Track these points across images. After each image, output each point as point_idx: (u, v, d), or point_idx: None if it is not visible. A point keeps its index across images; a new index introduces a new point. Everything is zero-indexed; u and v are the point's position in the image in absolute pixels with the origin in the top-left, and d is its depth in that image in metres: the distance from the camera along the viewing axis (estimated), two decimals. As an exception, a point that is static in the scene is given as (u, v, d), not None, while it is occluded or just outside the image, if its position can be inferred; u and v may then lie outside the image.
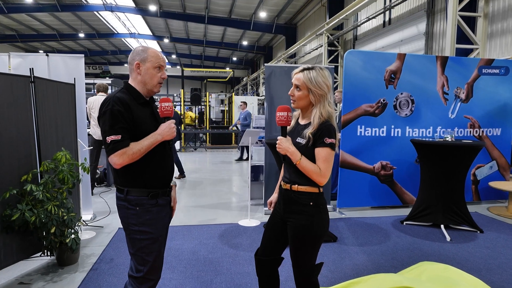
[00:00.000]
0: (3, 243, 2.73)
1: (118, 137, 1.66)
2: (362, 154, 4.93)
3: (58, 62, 4.16)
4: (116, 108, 1.69)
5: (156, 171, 1.81)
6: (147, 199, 1.78)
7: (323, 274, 2.99)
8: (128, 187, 1.78)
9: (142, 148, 1.71)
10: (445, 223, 4.16)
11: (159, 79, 1.85)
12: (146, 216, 1.77)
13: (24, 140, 2.93)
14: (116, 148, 1.66)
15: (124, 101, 1.72)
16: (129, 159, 1.68)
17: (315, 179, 1.80)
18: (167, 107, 1.84)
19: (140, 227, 1.77)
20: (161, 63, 1.84)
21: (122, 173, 1.77)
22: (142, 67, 1.81)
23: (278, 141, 1.83)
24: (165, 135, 1.78)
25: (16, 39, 21.46)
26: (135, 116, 1.74)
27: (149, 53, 1.82)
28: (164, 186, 1.86)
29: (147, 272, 1.79)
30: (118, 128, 1.67)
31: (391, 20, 10.34)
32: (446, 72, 5.01)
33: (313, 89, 1.83)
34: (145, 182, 1.78)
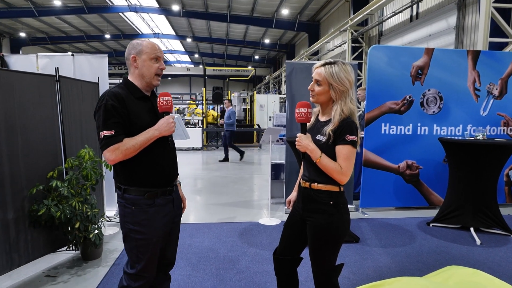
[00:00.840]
0: (31, 237, 2.83)
1: (111, 132, 1.61)
2: (386, 153, 4.78)
3: (83, 61, 4.27)
4: (110, 103, 1.64)
5: (154, 169, 1.75)
6: (144, 199, 1.72)
7: (344, 275, 2.91)
8: (125, 185, 1.74)
9: (137, 144, 1.64)
10: (475, 226, 3.97)
11: (157, 70, 1.77)
12: (141, 216, 1.72)
13: (50, 138, 3.02)
14: (108, 144, 1.61)
15: (119, 95, 1.67)
16: (123, 155, 1.63)
17: (335, 178, 1.75)
18: (165, 102, 1.74)
19: (135, 226, 1.73)
20: (157, 54, 1.76)
21: (119, 170, 1.74)
22: (138, 60, 1.75)
23: (297, 138, 1.77)
24: (163, 130, 1.69)
25: (47, 41, 22.35)
26: (131, 111, 1.68)
27: (144, 45, 1.75)
28: (163, 185, 1.79)
29: (141, 270, 1.76)
30: (112, 123, 1.62)
31: (418, 14, 9.99)
32: (477, 67, 4.77)
33: (335, 84, 1.76)
34: (142, 180, 1.73)
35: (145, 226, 1.73)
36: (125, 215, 1.75)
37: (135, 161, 1.69)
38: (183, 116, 15.34)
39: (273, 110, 15.90)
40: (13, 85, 2.65)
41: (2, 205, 2.57)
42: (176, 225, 1.93)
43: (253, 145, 13.85)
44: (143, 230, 1.72)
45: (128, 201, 1.73)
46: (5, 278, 2.78)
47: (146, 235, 1.73)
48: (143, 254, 1.74)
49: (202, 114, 14.00)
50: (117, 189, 1.78)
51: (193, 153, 11.35)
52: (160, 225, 1.77)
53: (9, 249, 2.63)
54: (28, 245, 2.80)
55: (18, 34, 20.61)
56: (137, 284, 1.77)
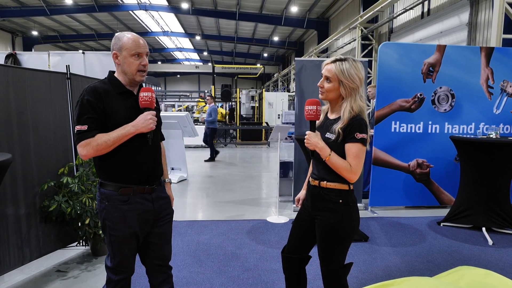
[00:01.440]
0: (42, 232, 2.87)
1: (84, 127, 1.60)
2: (396, 151, 4.73)
3: (93, 59, 4.32)
4: (86, 97, 1.62)
5: (130, 165, 1.70)
6: (117, 195, 1.69)
7: (353, 274, 2.89)
8: (102, 180, 1.73)
9: (109, 140, 1.61)
10: (487, 226, 3.90)
11: (139, 66, 1.70)
12: (114, 212, 1.70)
13: (61, 134, 3.06)
14: (80, 139, 1.61)
15: (97, 90, 1.65)
16: (93, 150, 1.61)
17: (345, 176, 1.73)
18: (145, 97, 1.68)
19: (108, 222, 1.71)
20: (138, 50, 1.68)
21: (97, 164, 1.73)
22: (119, 56, 1.70)
23: (306, 136, 1.76)
24: (139, 127, 1.64)
25: (58, 40, 22.61)
26: (108, 106, 1.65)
27: (124, 41, 1.69)
28: (140, 182, 1.73)
29: (117, 265, 1.76)
30: (86, 118, 1.61)
31: (430, 10, 9.83)
32: (491, 64, 4.67)
33: (345, 81, 1.73)
34: (117, 176, 1.70)
35: (118, 223, 1.70)
36: (101, 210, 1.74)
37: (112, 156, 1.66)
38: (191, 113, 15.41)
39: (281, 108, 15.87)
40: (25, 82, 2.69)
41: (14, 201, 2.62)
42: (164, 225, 1.85)
43: (261, 143, 13.84)
44: (115, 226, 1.71)
45: (103, 195, 1.71)
46: (17, 273, 2.83)
47: (118, 231, 1.71)
48: (117, 250, 1.74)
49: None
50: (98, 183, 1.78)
51: (201, 151, 11.39)
52: (134, 223, 1.72)
53: (21, 244, 2.67)
54: (40, 240, 2.84)
55: (31, 33, 20.92)
56: (117, 278, 1.78)
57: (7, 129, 2.54)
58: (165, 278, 1.90)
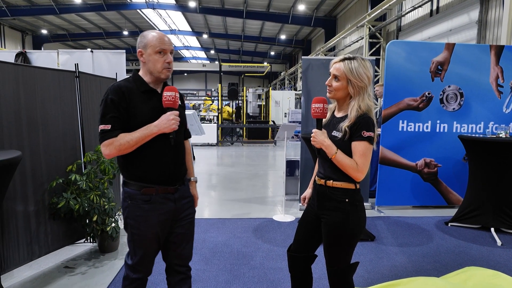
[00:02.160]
0: (51, 229, 2.91)
1: (108, 126, 1.61)
2: (403, 150, 4.69)
3: (101, 58, 4.35)
4: (110, 97, 1.63)
5: (152, 165, 1.70)
6: (139, 194, 1.70)
7: (359, 274, 2.88)
8: (125, 179, 1.74)
9: (132, 140, 1.61)
10: (495, 226, 3.85)
11: (163, 63, 1.69)
12: (136, 212, 1.71)
13: (70, 132, 3.09)
14: (103, 138, 1.61)
15: (121, 89, 1.65)
16: (116, 150, 1.61)
17: (351, 175, 1.72)
18: (168, 97, 1.65)
19: (131, 220, 1.73)
20: (162, 47, 1.67)
21: (121, 163, 1.74)
22: (144, 54, 1.69)
23: (313, 134, 1.75)
24: (162, 127, 1.63)
25: (67, 38, 22.85)
26: (132, 105, 1.65)
27: (148, 38, 1.68)
28: (163, 182, 1.73)
29: (136, 263, 1.77)
30: (109, 118, 1.62)
31: (439, 8, 9.71)
32: (501, 63, 4.60)
33: (354, 80, 1.73)
34: (140, 176, 1.70)
35: (140, 222, 1.71)
36: (124, 208, 1.75)
37: (135, 155, 1.67)
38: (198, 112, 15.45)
39: (288, 106, 15.82)
40: (35, 81, 2.73)
41: (23, 198, 2.66)
42: (188, 225, 1.86)
43: (268, 141, 13.83)
44: (137, 225, 1.72)
45: (126, 194, 1.72)
46: (25, 268, 2.87)
47: (140, 230, 1.72)
48: (138, 248, 1.75)
49: (218, 110, 14.06)
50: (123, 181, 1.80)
51: (208, 149, 11.43)
52: (155, 223, 1.72)
53: (30, 240, 2.71)
54: (48, 237, 2.88)
55: (40, 31, 21.16)
56: (135, 276, 1.78)
57: (17, 127, 2.58)
58: (182, 278, 1.88)
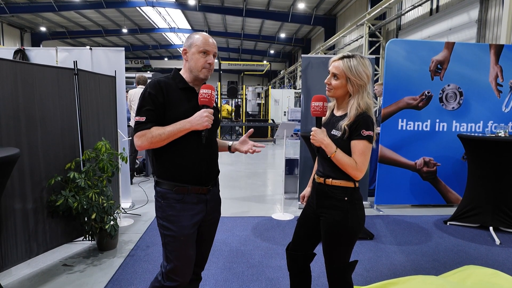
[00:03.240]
0: (49, 226, 2.90)
1: (142, 119, 1.62)
2: (403, 149, 4.69)
3: (100, 55, 4.33)
4: (148, 90, 1.65)
5: (184, 164, 1.69)
6: (172, 193, 1.68)
7: (358, 272, 2.88)
8: (158, 178, 1.73)
9: (163, 134, 1.60)
10: (494, 225, 3.86)
11: (204, 63, 1.72)
12: (168, 211, 1.69)
13: (68, 130, 3.08)
14: (137, 129, 1.63)
15: (160, 84, 1.67)
16: (148, 142, 1.61)
17: (350, 173, 1.72)
18: (204, 94, 1.67)
19: (163, 221, 1.70)
20: (206, 48, 1.71)
21: (154, 162, 1.73)
22: (188, 52, 1.74)
23: (312, 132, 1.75)
24: (194, 123, 1.62)
25: (66, 36, 22.77)
26: (169, 99, 1.66)
27: (195, 38, 1.73)
28: (195, 182, 1.71)
29: (170, 271, 1.70)
30: (145, 110, 1.63)
31: (439, 7, 9.70)
32: (500, 62, 4.60)
33: (353, 78, 1.72)
34: (173, 174, 1.69)
35: (172, 222, 1.68)
36: (156, 209, 1.74)
37: (167, 153, 1.67)
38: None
39: (287, 105, 15.81)
40: (33, 78, 2.71)
41: (22, 196, 2.65)
42: (210, 227, 1.87)
43: (267, 140, 13.82)
44: (170, 226, 1.69)
45: (159, 194, 1.72)
46: (24, 266, 2.87)
47: (172, 231, 1.68)
48: (171, 252, 1.70)
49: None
50: (155, 181, 1.78)
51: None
52: (188, 224, 1.70)
53: (28, 238, 2.71)
54: (46, 234, 2.87)
55: (39, 29, 21.09)
56: (168, 284, 1.71)
57: (15, 124, 2.57)
58: (194, 279, 1.88)
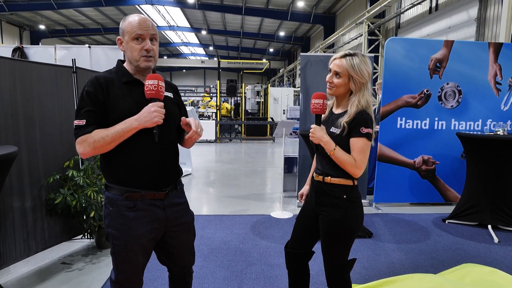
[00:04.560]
0: (48, 225, 2.90)
1: (82, 122, 1.42)
2: (401, 147, 4.69)
3: (99, 53, 4.32)
4: (86, 89, 1.46)
5: (136, 167, 1.49)
6: (122, 200, 1.48)
7: (356, 271, 2.88)
8: (107, 182, 1.53)
9: (107, 137, 1.39)
10: (493, 223, 3.87)
11: (141, 51, 1.48)
12: (119, 219, 1.49)
13: (67, 128, 3.07)
14: (77, 135, 1.43)
15: (100, 80, 1.47)
16: (91, 148, 1.40)
17: (349, 171, 1.72)
18: (150, 86, 1.42)
19: (112, 230, 1.50)
20: (139, 32, 1.47)
21: (102, 164, 1.54)
22: (123, 42, 1.52)
23: (311, 130, 1.74)
24: (143, 121, 1.41)
25: (65, 34, 22.71)
26: (109, 97, 1.46)
27: (125, 24, 1.51)
28: (149, 187, 1.51)
29: (122, 280, 1.53)
30: (84, 112, 1.43)
31: (438, 5, 9.70)
32: (499, 60, 4.60)
33: (355, 76, 1.72)
34: (123, 179, 1.49)
35: (122, 231, 1.49)
36: (105, 216, 1.53)
37: (116, 155, 1.48)
38: (197, 108, 15.42)
39: (287, 103, 15.82)
40: (31, 76, 2.71)
41: (20, 194, 2.64)
42: (181, 236, 1.66)
43: (266, 138, 13.82)
44: (119, 235, 1.49)
45: (108, 199, 1.51)
46: (22, 264, 2.86)
47: (122, 241, 1.49)
48: (122, 263, 1.51)
49: (216, 106, 14.04)
50: None
51: (206, 146, 11.41)
52: (141, 233, 1.50)
53: (27, 236, 2.71)
54: (45, 232, 2.87)
55: (38, 27, 21.02)
56: None
57: (13, 122, 2.56)
58: (183, 285, 1.81)
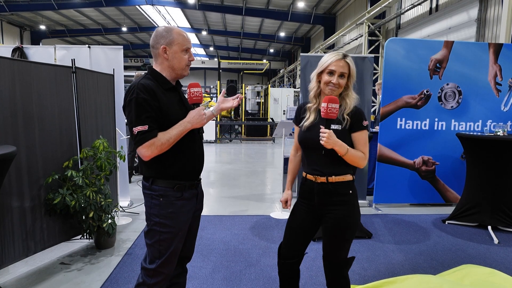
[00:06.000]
0: (47, 225, 2.89)
1: (145, 127, 1.58)
2: (401, 148, 4.69)
3: (99, 53, 4.32)
4: (141, 96, 1.59)
5: (184, 162, 1.72)
6: (173, 191, 1.70)
7: (356, 271, 2.88)
8: (154, 177, 1.71)
9: (171, 138, 1.62)
10: (493, 224, 3.86)
11: (187, 62, 1.74)
12: (168, 209, 1.69)
13: (66, 128, 3.07)
14: (144, 140, 1.58)
15: (149, 88, 1.62)
16: (158, 150, 1.60)
17: (360, 165, 1.80)
18: (196, 93, 1.71)
19: (161, 219, 1.69)
20: (188, 45, 1.74)
21: (149, 162, 1.68)
22: (168, 51, 1.70)
23: (326, 135, 1.68)
24: (195, 122, 1.67)
25: (65, 34, 22.73)
26: (162, 103, 1.64)
27: (174, 35, 1.70)
28: (192, 178, 1.77)
29: (160, 265, 1.71)
30: (145, 118, 1.58)
31: (438, 6, 9.69)
32: (499, 61, 4.60)
33: (353, 75, 1.83)
34: (172, 173, 1.70)
35: (172, 219, 1.70)
36: (151, 207, 1.71)
37: (168, 154, 1.66)
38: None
39: (287, 103, 15.80)
40: (31, 76, 2.70)
41: (19, 194, 2.64)
42: (196, 219, 1.90)
43: (266, 138, 13.82)
44: (169, 223, 1.69)
45: (157, 192, 1.69)
46: (21, 265, 2.86)
47: (171, 228, 1.70)
48: (166, 248, 1.71)
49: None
50: (144, 180, 1.75)
51: (206, 146, 11.42)
52: (185, 219, 1.75)
53: (26, 236, 2.70)
54: (44, 233, 2.87)
55: (38, 27, 21.04)
56: (154, 281, 1.72)
57: (12, 122, 2.56)
58: (181, 271, 1.92)
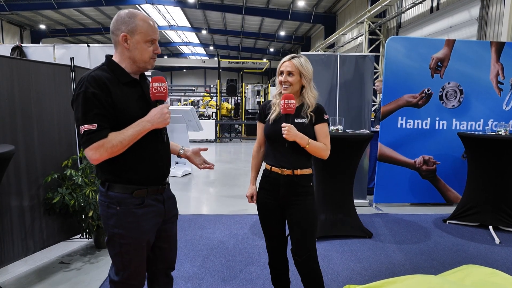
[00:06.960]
0: (46, 224, 2.88)
1: (94, 126, 1.35)
2: (402, 147, 4.67)
3: (98, 52, 4.30)
4: (91, 90, 1.37)
5: (144, 164, 1.51)
6: (131, 198, 1.48)
7: (356, 271, 2.86)
8: (110, 182, 1.50)
9: (125, 140, 1.39)
10: (494, 224, 3.84)
11: (152, 54, 1.50)
12: (127, 218, 1.48)
13: (65, 127, 3.06)
14: (91, 140, 1.36)
15: (101, 80, 1.40)
16: (108, 153, 1.38)
17: (323, 155, 1.94)
18: (159, 88, 1.46)
19: (120, 229, 1.48)
20: (153, 37, 1.49)
21: (104, 165, 1.47)
22: (130, 40, 1.46)
23: (287, 128, 1.83)
24: (156, 122, 1.44)
25: (65, 33, 22.68)
26: (116, 99, 1.42)
27: (138, 22, 1.45)
28: (155, 183, 1.55)
29: (127, 277, 1.53)
30: (94, 116, 1.36)
31: (439, 5, 9.66)
32: (501, 60, 4.58)
33: (304, 73, 1.96)
34: (130, 178, 1.49)
35: (132, 229, 1.49)
36: (108, 217, 1.50)
37: (126, 156, 1.46)
38: (197, 108, 15.41)
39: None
40: (29, 74, 2.69)
41: (18, 193, 2.63)
42: (172, 226, 1.70)
43: (266, 138, 13.79)
44: (129, 234, 1.49)
45: (113, 200, 1.48)
46: (20, 264, 2.85)
47: (132, 239, 1.50)
48: (129, 261, 1.52)
49: (216, 106, 14.03)
50: (100, 185, 1.55)
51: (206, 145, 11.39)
52: (149, 228, 1.54)
53: (25, 235, 2.69)
54: (43, 232, 2.86)
55: (38, 26, 21.01)
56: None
57: (11, 121, 2.55)
58: (167, 281, 1.76)
